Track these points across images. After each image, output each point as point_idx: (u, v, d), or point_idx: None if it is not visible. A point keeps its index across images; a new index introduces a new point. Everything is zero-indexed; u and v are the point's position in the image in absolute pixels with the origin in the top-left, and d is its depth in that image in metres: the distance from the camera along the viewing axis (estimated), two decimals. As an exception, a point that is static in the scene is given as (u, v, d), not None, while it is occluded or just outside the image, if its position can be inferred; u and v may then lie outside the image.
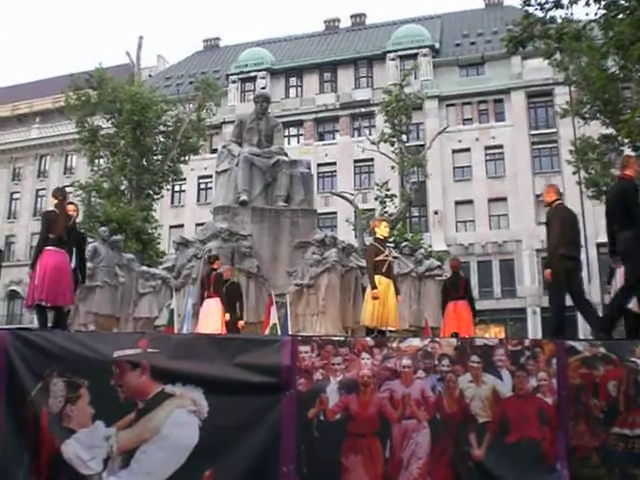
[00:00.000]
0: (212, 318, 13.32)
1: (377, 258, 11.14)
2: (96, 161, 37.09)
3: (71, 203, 10.91)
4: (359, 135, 47.46)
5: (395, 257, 18.01)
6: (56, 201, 10.03)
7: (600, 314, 10.41)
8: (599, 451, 7.23)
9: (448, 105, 49.07)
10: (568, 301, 9.73)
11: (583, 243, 42.52)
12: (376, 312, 10.86)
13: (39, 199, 56.84)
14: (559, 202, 10.21)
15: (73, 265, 10.25)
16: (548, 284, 10.18)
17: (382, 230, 11.64)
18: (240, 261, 15.97)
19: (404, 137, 34.95)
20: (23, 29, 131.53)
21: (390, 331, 11.26)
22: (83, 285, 15.54)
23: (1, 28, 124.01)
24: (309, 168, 18.99)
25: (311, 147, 50.11)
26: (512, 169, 46.26)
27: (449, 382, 7.29)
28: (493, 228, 45.65)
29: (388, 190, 33.23)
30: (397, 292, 11.43)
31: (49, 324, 9.82)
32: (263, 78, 53.42)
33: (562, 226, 9.79)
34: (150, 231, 34.31)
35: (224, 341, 7.51)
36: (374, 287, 10.91)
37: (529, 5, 18.66)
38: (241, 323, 14.08)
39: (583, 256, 42.24)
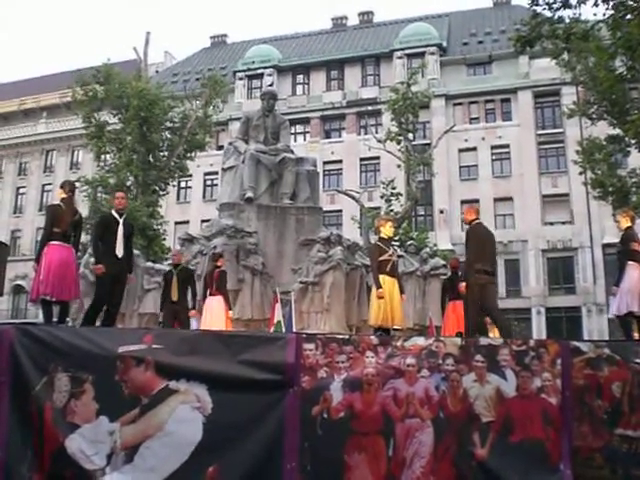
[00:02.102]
0: (216, 316, 13.33)
1: (381, 258, 11.17)
2: (102, 157, 37.09)
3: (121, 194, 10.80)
4: (365, 133, 47.40)
5: (400, 256, 18.04)
6: (63, 194, 9.94)
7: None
8: (603, 452, 7.23)
9: (455, 104, 48.98)
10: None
11: (589, 244, 42.62)
12: (382, 311, 10.89)
13: (45, 194, 56.91)
14: (478, 222, 10.68)
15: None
16: (463, 295, 10.65)
17: (387, 230, 11.65)
18: (245, 258, 15.99)
19: (410, 136, 34.89)
20: (30, 24, 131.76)
21: (395, 329, 11.27)
22: (87, 281, 15.60)
23: (9, 23, 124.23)
24: (315, 166, 19.00)
25: (317, 145, 50.07)
26: (518, 169, 46.17)
27: (453, 381, 7.29)
28: (499, 228, 45.42)
29: (394, 188, 33.21)
30: (402, 291, 11.46)
31: (54, 319, 9.79)
32: (270, 75, 53.39)
33: (479, 243, 10.33)
34: (155, 227, 34.34)
35: (229, 338, 7.51)
36: (379, 287, 10.95)
37: (537, 5, 18.60)
38: (192, 312, 13.58)
39: (589, 257, 42.54)
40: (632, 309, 10.23)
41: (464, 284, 10.37)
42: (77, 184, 33.00)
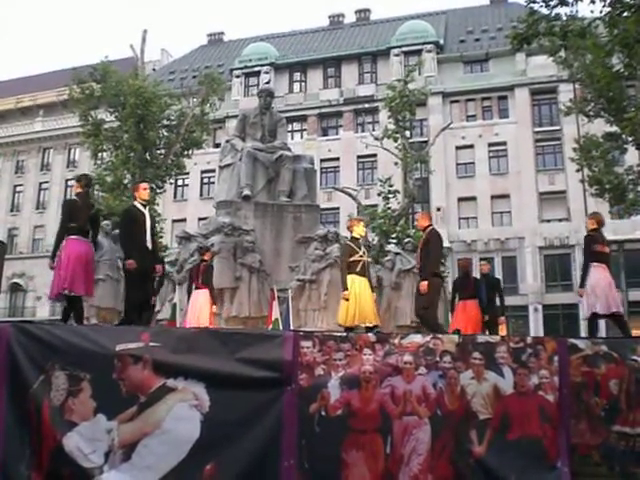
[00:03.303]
0: (199, 310, 13.27)
1: (352, 258, 11.22)
2: (99, 154, 37.02)
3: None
4: (362, 131, 47.40)
5: (397, 253, 18.06)
6: (79, 189, 9.82)
7: None
8: (600, 449, 7.24)
9: (452, 101, 48.96)
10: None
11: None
12: (350, 311, 10.96)
13: (42, 192, 56.88)
14: (431, 227, 11.34)
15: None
16: (422, 294, 10.97)
17: (358, 229, 11.71)
18: (242, 256, 15.98)
19: (407, 133, 34.86)
20: (27, 22, 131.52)
21: (369, 327, 11.19)
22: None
23: (5, 21, 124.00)
24: (312, 163, 18.98)
25: (314, 142, 50.06)
26: (515, 166, 46.18)
27: (450, 379, 7.30)
28: (496, 225, 45.56)
29: (391, 186, 33.14)
30: (372, 290, 11.56)
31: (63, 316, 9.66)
32: (267, 73, 53.33)
33: (436, 249, 11.08)
34: (152, 225, 34.25)
35: (226, 336, 7.51)
36: (345, 288, 11.01)
37: (534, 2, 18.56)
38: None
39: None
40: (595, 310, 10.49)
41: (425, 283, 10.69)
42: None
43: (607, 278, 10.65)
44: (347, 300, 10.97)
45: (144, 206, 10.17)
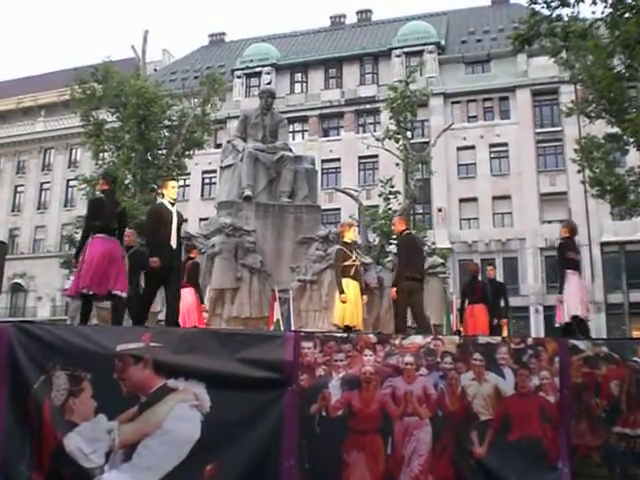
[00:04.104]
0: (188, 310, 13.05)
1: (345, 263, 11.70)
2: (101, 155, 37.00)
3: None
4: (364, 131, 47.44)
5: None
6: (105, 186, 9.70)
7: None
8: (601, 450, 7.24)
9: (453, 102, 49.02)
10: None
11: (587, 242, 42.60)
12: (347, 313, 11.45)
13: (43, 192, 56.97)
14: (408, 232, 11.80)
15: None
16: (394, 300, 11.47)
17: (349, 235, 12.22)
18: (243, 256, 15.97)
19: (409, 134, 34.86)
20: (29, 22, 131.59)
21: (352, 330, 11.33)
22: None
23: (7, 21, 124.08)
24: (313, 164, 18.97)
25: (315, 143, 50.09)
26: (517, 167, 46.21)
27: (451, 380, 7.30)
28: (497, 226, 45.59)
29: (392, 187, 33.14)
30: (362, 294, 12.02)
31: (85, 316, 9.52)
32: (268, 73, 53.37)
33: (410, 251, 11.29)
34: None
35: (227, 336, 7.51)
36: (342, 291, 11.50)
37: (535, 3, 18.57)
38: None
39: (587, 255, 42.51)
40: (576, 313, 10.80)
41: (394, 289, 11.18)
42: (75, 182, 32.71)
43: (582, 285, 11.17)
44: (344, 302, 11.43)
45: (172, 204, 10.04)
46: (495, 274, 16.59)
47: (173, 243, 9.76)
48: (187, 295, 13.15)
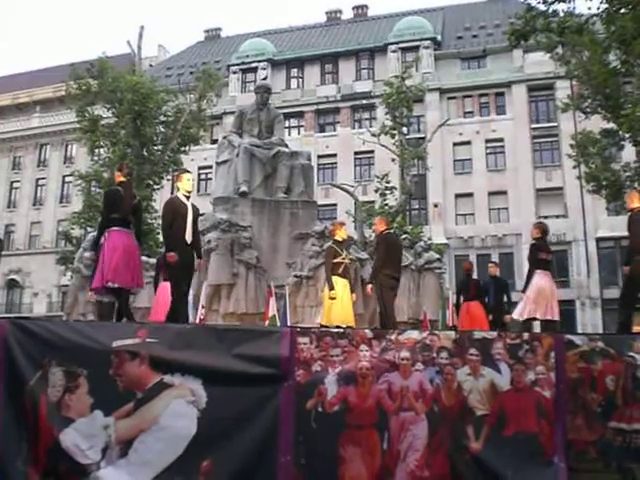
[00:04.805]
0: (164, 303, 12.24)
1: (335, 260, 11.89)
2: (96, 151, 36.98)
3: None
4: (360, 127, 47.43)
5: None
6: (122, 177, 9.54)
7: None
8: (596, 445, 7.25)
9: (449, 98, 49.01)
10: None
11: (583, 237, 42.70)
12: (334, 311, 11.55)
13: (39, 188, 56.88)
14: (388, 231, 12.03)
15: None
16: (378, 297, 11.64)
17: (341, 233, 12.38)
18: (239, 252, 15.94)
19: (405, 129, 34.90)
20: (24, 18, 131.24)
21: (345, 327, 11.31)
22: (81, 275, 15.48)
23: (2, 17, 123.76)
24: (309, 160, 18.94)
25: (312, 138, 50.05)
26: (512, 162, 46.23)
27: (447, 375, 7.30)
28: (493, 221, 45.62)
29: (388, 182, 33.17)
30: (352, 290, 12.21)
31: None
32: (264, 69, 53.29)
33: (388, 250, 11.39)
34: (150, 221, 34.22)
35: (223, 332, 7.51)
36: (331, 288, 11.64)
37: (531, -2, 18.64)
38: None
39: (583, 250, 42.63)
40: (534, 315, 11.00)
41: (370, 286, 11.52)
42: (71, 178, 32.58)
43: (551, 286, 11.23)
44: (333, 299, 11.57)
45: (187, 197, 9.78)
46: (496, 271, 16.57)
47: (188, 238, 9.50)
48: (167, 289, 12.55)
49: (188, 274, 9.76)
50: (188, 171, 10.42)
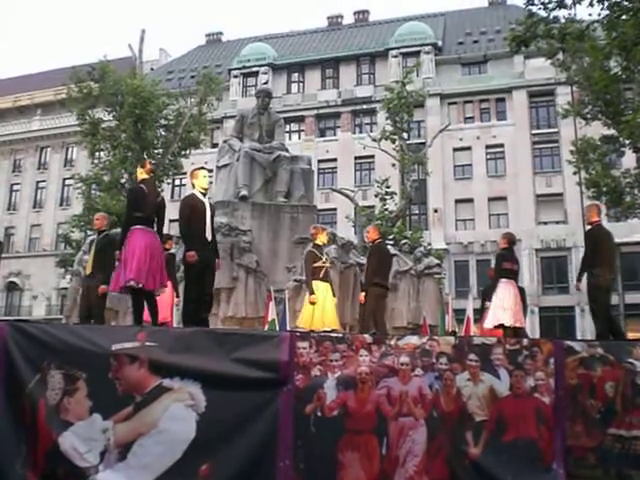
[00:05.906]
0: (161, 304, 12.26)
1: (315, 264, 11.92)
2: (97, 154, 36.99)
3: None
4: (360, 132, 47.40)
5: (394, 254, 18.07)
6: (144, 175, 9.28)
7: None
8: (595, 451, 7.24)
9: (450, 103, 49.04)
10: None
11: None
12: (315, 316, 11.59)
13: (39, 191, 56.90)
14: (380, 241, 12.30)
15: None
16: (361, 304, 12.21)
17: (321, 237, 12.44)
18: (239, 256, 15.95)
19: (405, 135, 34.90)
20: (25, 21, 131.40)
21: (327, 330, 11.22)
22: (80, 278, 15.44)
23: (3, 20, 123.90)
24: (310, 164, 18.97)
25: (312, 143, 50.08)
26: (513, 168, 46.24)
27: (447, 380, 7.29)
28: (493, 227, 45.56)
29: (388, 187, 33.19)
30: (333, 294, 12.23)
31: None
32: (265, 73, 53.33)
33: (380, 260, 11.72)
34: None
35: (222, 336, 7.50)
36: (312, 292, 11.68)
37: (532, 4, 18.62)
38: (102, 288, 10.89)
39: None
40: (502, 322, 11.11)
41: (363, 294, 11.74)
42: (71, 181, 32.49)
43: (515, 294, 11.36)
44: (313, 304, 11.59)
45: (203, 195, 9.50)
46: None
47: (208, 235, 9.28)
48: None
49: (210, 273, 9.46)
50: (204, 167, 10.10)
